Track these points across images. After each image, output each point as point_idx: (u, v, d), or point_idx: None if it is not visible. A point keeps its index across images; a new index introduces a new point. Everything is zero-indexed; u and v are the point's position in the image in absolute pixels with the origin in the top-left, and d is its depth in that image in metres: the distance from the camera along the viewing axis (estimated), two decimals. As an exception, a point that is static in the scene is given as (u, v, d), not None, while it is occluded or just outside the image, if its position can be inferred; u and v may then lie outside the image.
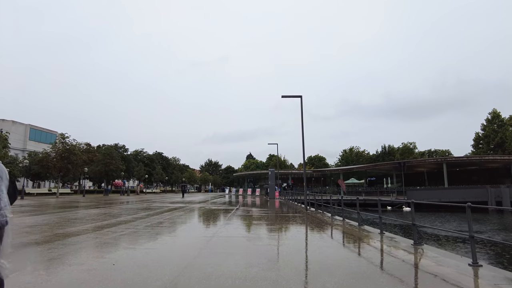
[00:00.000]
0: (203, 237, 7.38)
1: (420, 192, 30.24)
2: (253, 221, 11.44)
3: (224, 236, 7.49)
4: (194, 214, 13.87)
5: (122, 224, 9.61)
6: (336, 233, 8.58)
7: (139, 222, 10.26)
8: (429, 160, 38.05)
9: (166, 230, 8.62)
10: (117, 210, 16.13)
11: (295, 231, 9.20)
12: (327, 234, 8.37)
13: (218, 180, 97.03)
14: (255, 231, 8.87)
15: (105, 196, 37.59)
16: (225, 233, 8.06)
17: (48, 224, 9.54)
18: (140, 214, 13.65)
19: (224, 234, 7.80)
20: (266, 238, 7.45)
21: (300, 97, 17.16)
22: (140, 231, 8.18)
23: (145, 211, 15.24)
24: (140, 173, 51.12)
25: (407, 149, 62.59)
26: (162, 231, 8.42)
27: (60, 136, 33.22)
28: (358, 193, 43.15)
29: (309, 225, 10.56)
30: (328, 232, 8.75)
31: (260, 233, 8.44)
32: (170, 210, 16.35)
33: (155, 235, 7.74)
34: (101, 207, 18.33)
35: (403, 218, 23.54)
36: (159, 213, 14.05)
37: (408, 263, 4.96)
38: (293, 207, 20.08)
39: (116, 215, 12.82)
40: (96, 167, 39.69)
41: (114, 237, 7.19)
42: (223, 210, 17.03)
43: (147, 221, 10.69)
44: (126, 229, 8.63)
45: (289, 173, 56.98)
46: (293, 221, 11.80)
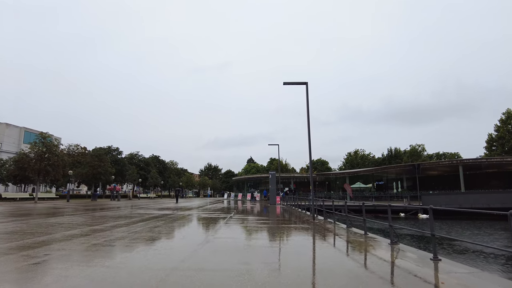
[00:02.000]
0: (161, 270, 4.59)
1: (437, 197, 27.36)
2: (246, 237, 8.63)
3: (195, 269, 4.69)
4: (174, 225, 11.07)
5: (66, 241, 6.85)
6: (374, 262, 5.77)
7: (92, 238, 7.51)
8: (443, 162, 35.19)
9: (118, 251, 5.86)
10: (83, 218, 13.33)
11: (305, 257, 6.39)
12: (358, 262, 5.55)
13: (217, 185, 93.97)
14: (247, 255, 6.06)
15: (92, 201, 34.80)
16: (200, 260, 5.27)
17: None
18: (107, 224, 10.86)
19: (197, 264, 5.02)
20: (261, 272, 4.65)
21: (306, 84, 14.49)
22: (74, 254, 5.42)
23: (117, 220, 12.46)
24: (133, 177, 48.26)
25: (415, 151, 59.66)
26: (111, 253, 5.67)
27: (40, 135, 30.50)
28: (365, 198, 40.18)
29: (323, 244, 7.75)
30: (358, 258, 5.94)
31: (253, 260, 5.63)
32: (149, 219, 13.57)
33: (95, 258, 5.01)
34: (70, 214, 15.54)
35: (425, 226, 20.64)
36: (132, 223, 11.27)
37: None
38: (296, 214, 17.24)
39: (73, 226, 10.03)
40: (83, 169, 36.92)
41: (38, 263, 4.42)
42: (213, 219, 14.24)
43: (105, 235, 7.92)
44: (63, 248, 5.88)
45: (291, 177, 54.00)
46: (300, 235, 8.99)
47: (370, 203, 11.57)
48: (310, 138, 13.91)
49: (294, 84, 14.70)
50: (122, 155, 55.61)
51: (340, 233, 9.19)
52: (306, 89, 14.49)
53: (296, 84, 14.68)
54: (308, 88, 14.47)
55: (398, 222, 25.70)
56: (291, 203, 27.02)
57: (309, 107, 14.23)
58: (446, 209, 6.12)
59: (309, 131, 13.84)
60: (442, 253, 10.87)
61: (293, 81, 14.56)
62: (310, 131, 13.87)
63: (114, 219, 13.33)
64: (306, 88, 14.49)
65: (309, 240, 8.09)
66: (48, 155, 28.87)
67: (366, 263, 5.34)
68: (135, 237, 7.96)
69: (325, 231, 9.85)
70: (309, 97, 14.38)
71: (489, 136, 50.40)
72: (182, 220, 12.99)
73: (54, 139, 30.34)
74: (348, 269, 4.78)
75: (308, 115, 14.04)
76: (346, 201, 10.80)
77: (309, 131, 13.84)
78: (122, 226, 10.26)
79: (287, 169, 75.21)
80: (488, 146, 50.25)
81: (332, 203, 12.57)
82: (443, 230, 20.58)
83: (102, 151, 43.83)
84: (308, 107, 14.18)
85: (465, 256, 12.67)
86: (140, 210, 19.79)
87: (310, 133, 13.79)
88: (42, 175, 28.94)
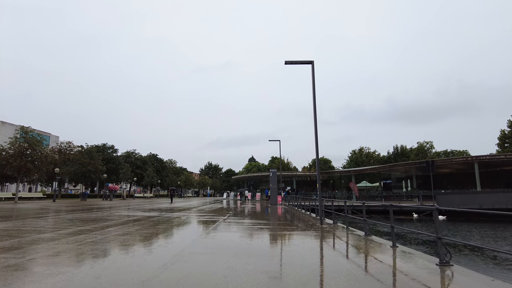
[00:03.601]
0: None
1: (453, 196, 25.03)
2: (233, 254, 6.41)
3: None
4: (149, 232, 8.90)
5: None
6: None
7: (22, 252, 5.33)
8: (457, 160, 32.82)
9: (37, 273, 3.68)
10: (45, 222, 11.16)
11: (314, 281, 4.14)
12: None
13: (217, 184, 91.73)
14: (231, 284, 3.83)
15: (81, 201, 32.72)
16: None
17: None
18: (66, 230, 8.69)
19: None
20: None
21: (311, 63, 12.28)
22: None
23: (85, 225, 10.31)
24: (127, 175, 46.09)
25: (422, 149, 57.15)
26: (25, 277, 3.48)
27: (21, 129, 28.32)
28: (372, 198, 37.90)
29: (342, 266, 5.50)
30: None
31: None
32: (126, 222, 11.43)
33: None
34: (35, 217, 13.38)
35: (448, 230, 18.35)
36: (99, 229, 9.12)
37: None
38: (300, 217, 15.03)
39: (14, 234, 7.85)
40: (72, 167, 34.76)
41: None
42: (201, 223, 12.06)
43: (44, 248, 5.74)
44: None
45: (293, 176, 51.68)
46: (307, 249, 6.76)
47: (397, 204, 9.85)
48: (317, 124, 11.67)
49: (298, 64, 12.46)
50: (117, 153, 53.53)
51: (359, 245, 6.97)
52: (312, 69, 12.28)
53: (300, 63, 12.44)
54: (314, 68, 12.26)
55: (415, 224, 23.44)
56: (294, 203, 24.85)
57: (315, 88, 12.01)
58: (465, 210, 4.42)
59: (315, 115, 11.61)
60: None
61: (296, 60, 12.33)
62: (317, 116, 11.64)
63: (83, 223, 11.17)
64: (312, 68, 12.28)
65: (320, 257, 5.87)
66: (31, 152, 26.71)
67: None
68: (84, 250, 5.78)
69: (339, 241, 7.64)
70: (315, 82, 12.16)
71: (502, 132, 47.90)
72: (163, 225, 10.80)
73: (37, 133, 28.16)
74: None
75: (314, 97, 11.81)
76: (364, 202, 8.57)
77: (315, 114, 11.61)
78: (82, 234, 8.09)
79: (289, 167, 72.97)
80: (501, 143, 47.76)
81: (344, 203, 10.33)
82: (459, 233, 18.35)
83: (94, 148, 41.73)
84: (314, 88, 11.95)
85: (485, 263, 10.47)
86: (124, 212, 17.65)
87: (317, 119, 11.56)
88: (23, 173, 26.76)
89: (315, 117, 11.68)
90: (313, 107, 11.82)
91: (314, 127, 11.61)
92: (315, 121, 11.66)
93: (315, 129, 11.60)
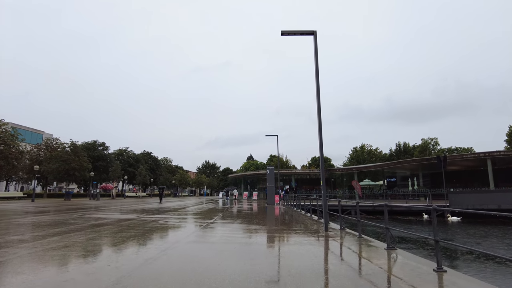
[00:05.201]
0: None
1: (468, 196, 22.83)
2: (198, 282, 4.21)
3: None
4: (108, 241, 6.72)
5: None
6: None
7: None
8: (468, 156, 30.67)
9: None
10: (2, 226, 8.95)
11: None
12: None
13: (214, 183, 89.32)
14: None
15: (64, 201, 30.45)
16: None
17: None
18: (7, 237, 6.48)
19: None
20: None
21: (313, 34, 10.05)
22: None
23: (35, 231, 8.14)
24: (116, 174, 43.72)
25: (427, 146, 54.95)
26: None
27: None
28: (376, 197, 35.75)
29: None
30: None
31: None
32: (94, 226, 9.33)
33: None
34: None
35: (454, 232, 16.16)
36: (47, 237, 6.96)
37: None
38: (300, 220, 12.85)
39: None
40: (54, 165, 32.39)
41: None
42: (181, 227, 9.88)
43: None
44: None
45: (292, 174, 49.42)
46: (310, 265, 4.54)
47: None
48: (320, 107, 9.46)
49: (297, 35, 10.22)
50: (108, 150, 51.19)
51: (384, 265, 4.78)
52: (315, 41, 10.06)
53: (300, 34, 10.20)
54: (317, 40, 10.05)
55: (429, 226, 21.30)
56: (293, 203, 22.72)
57: (318, 65, 9.80)
58: (468, 210, 3.00)
59: (318, 94, 9.39)
60: None
61: (295, 30, 10.09)
62: (320, 98, 9.43)
63: (32, 228, 8.99)
64: (314, 39, 10.07)
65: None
66: (4, 147, 24.32)
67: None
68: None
69: (352, 257, 5.44)
70: (318, 56, 9.95)
71: (510, 128, 45.82)
72: (128, 232, 8.60)
73: (10, 127, 25.81)
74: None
75: (317, 74, 9.60)
76: (387, 203, 6.38)
77: (318, 94, 9.39)
78: (7, 246, 5.89)
79: (288, 166, 70.81)
80: (509, 139, 45.68)
81: (356, 204, 8.14)
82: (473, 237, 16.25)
83: (82, 146, 39.41)
84: (317, 64, 9.74)
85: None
86: (98, 214, 15.44)
87: (320, 101, 9.34)
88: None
89: (318, 96, 9.47)
90: (315, 87, 9.61)
91: (317, 109, 9.40)
92: (318, 102, 9.46)
93: (318, 112, 9.39)
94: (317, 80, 9.52)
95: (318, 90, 9.59)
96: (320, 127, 9.43)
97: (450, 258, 11.38)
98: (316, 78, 9.52)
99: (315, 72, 9.56)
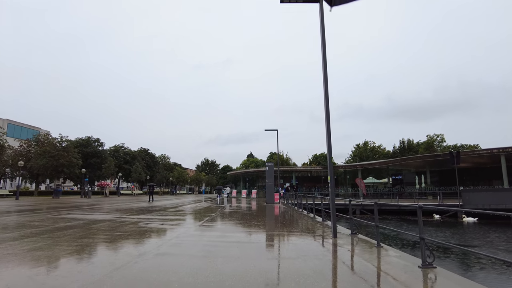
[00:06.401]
0: None
1: (484, 194, 21.15)
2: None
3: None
4: (63, 249, 5.10)
5: None
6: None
7: None
8: (480, 152, 28.93)
9: None
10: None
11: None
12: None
13: (213, 180, 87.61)
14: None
15: (53, 199, 28.93)
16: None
17: None
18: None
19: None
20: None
21: (319, 1, 8.37)
22: None
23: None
24: (109, 170, 42.08)
25: (432, 143, 53.14)
26: None
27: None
28: (379, 196, 34.07)
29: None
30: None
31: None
32: (59, 229, 7.73)
33: None
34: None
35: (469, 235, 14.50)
36: (4, 241, 5.34)
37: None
38: (302, 222, 11.23)
39: None
40: (41, 161, 30.78)
41: None
42: (162, 231, 8.26)
43: None
44: None
45: (293, 171, 47.75)
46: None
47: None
48: (327, 84, 7.81)
49: (299, 2, 8.55)
50: (103, 147, 49.58)
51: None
52: (320, 8, 8.38)
53: (302, 1, 8.54)
54: (323, 7, 8.37)
55: (442, 228, 19.66)
56: (293, 202, 21.11)
57: (324, 36, 8.13)
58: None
59: (325, 68, 7.74)
60: None
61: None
62: (327, 74, 7.77)
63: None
64: (320, 7, 8.39)
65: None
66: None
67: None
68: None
69: (376, 279, 3.80)
70: (325, 29, 8.28)
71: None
72: (99, 236, 6.99)
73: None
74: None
75: (323, 45, 7.94)
76: (420, 205, 4.74)
77: (325, 68, 7.73)
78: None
79: (288, 163, 69.16)
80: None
81: (374, 207, 6.49)
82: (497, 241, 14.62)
83: (75, 142, 37.78)
84: (323, 34, 8.07)
85: None
86: (76, 214, 13.84)
87: (327, 76, 7.68)
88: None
89: (325, 71, 7.81)
90: (322, 62, 7.95)
91: (324, 85, 7.75)
92: (324, 76, 7.80)
93: (324, 89, 7.74)
94: (324, 56, 7.85)
95: (325, 69, 7.93)
96: (328, 113, 7.79)
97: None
98: (322, 53, 7.85)
99: (322, 47, 7.88)
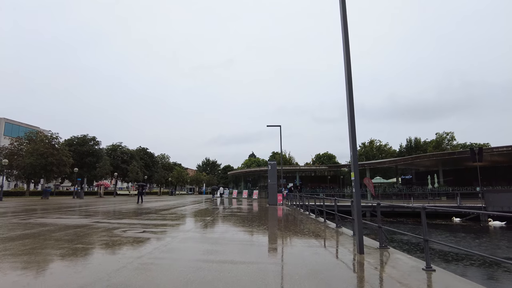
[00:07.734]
0: None
1: (510, 195, 19.22)
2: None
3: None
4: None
5: None
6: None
7: None
8: (499, 150, 26.81)
9: None
10: None
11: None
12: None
13: (213, 181, 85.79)
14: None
15: (41, 200, 27.18)
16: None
17: None
18: None
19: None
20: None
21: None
22: None
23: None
24: (104, 170, 40.34)
25: (442, 141, 50.89)
26: None
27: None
28: (390, 196, 32.03)
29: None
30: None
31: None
32: (18, 238, 5.87)
33: None
34: None
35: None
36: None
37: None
38: (312, 228, 9.32)
39: None
40: (28, 159, 29.07)
41: None
42: (142, 241, 6.37)
43: None
44: None
45: (296, 170, 45.79)
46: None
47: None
48: (350, 57, 5.91)
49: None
50: (99, 145, 47.89)
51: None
52: None
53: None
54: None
55: (473, 236, 17.73)
56: (297, 203, 19.25)
57: (347, 24, 6.23)
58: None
59: (349, 70, 6.21)
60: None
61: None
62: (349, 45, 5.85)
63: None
64: None
65: None
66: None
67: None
68: None
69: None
70: None
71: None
72: (58, 248, 5.12)
73: None
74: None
75: (345, 34, 6.04)
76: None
77: (349, 69, 6.12)
78: None
79: (291, 163, 67.23)
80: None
81: (421, 208, 4.57)
82: None
83: (74, 140, 36.08)
84: (345, 22, 6.17)
85: None
86: (51, 217, 12.01)
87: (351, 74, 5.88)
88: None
89: (349, 68, 5.92)
90: (345, 62, 6.04)
91: (347, 81, 5.86)
92: (348, 73, 5.91)
93: (348, 84, 5.85)
94: (347, 55, 5.95)
95: (349, 66, 6.02)
96: (352, 105, 5.90)
97: None
98: (345, 53, 5.94)
99: (344, 50, 5.97)
